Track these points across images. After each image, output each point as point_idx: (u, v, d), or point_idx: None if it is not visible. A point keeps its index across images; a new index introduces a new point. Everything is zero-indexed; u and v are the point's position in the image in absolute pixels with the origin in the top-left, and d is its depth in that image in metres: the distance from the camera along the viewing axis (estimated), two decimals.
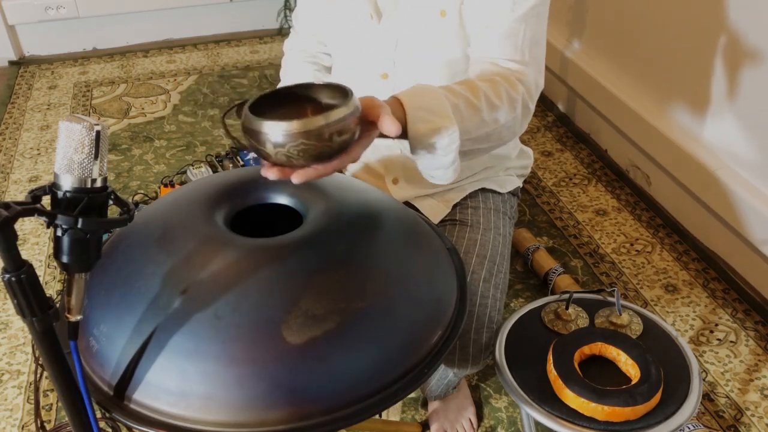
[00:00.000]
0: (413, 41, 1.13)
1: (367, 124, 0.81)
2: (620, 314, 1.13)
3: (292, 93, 0.85)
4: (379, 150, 1.29)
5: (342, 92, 0.81)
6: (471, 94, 0.96)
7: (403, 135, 0.90)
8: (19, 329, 1.67)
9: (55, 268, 1.86)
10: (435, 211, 1.27)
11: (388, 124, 0.80)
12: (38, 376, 1.50)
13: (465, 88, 0.97)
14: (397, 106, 0.89)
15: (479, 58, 1.07)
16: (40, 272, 1.83)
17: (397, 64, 1.16)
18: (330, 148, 0.76)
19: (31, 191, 0.64)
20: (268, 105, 0.81)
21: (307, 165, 0.77)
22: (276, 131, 0.73)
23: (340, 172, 0.91)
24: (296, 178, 0.77)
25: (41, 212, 0.61)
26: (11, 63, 2.99)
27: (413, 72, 1.15)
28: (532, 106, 1.04)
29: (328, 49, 1.32)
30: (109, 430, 1.19)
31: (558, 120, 2.53)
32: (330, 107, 0.78)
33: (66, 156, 0.63)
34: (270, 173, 0.78)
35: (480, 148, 1.01)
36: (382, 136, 0.84)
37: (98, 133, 0.63)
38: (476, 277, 1.13)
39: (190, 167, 2.19)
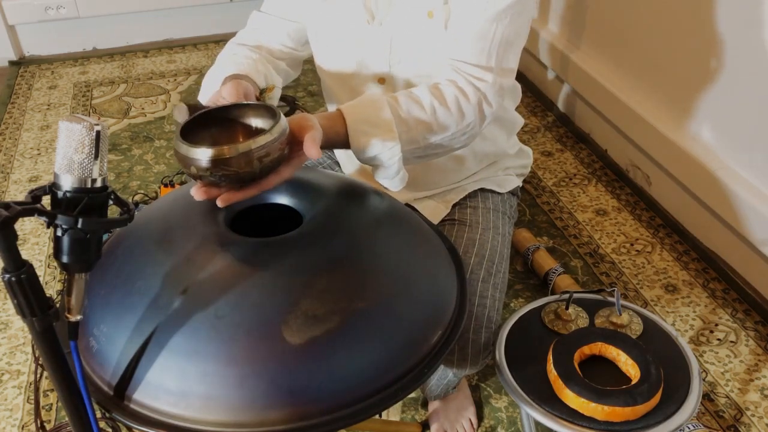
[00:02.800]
0: (405, 44, 1.13)
1: (297, 144, 0.83)
2: (620, 314, 1.13)
3: (222, 114, 0.86)
4: None
5: (271, 114, 0.82)
6: (417, 104, 0.98)
7: (348, 147, 0.93)
8: (19, 329, 1.67)
9: (55, 268, 1.86)
10: (435, 211, 1.27)
11: (309, 148, 0.82)
12: (38, 376, 1.50)
13: (413, 98, 0.99)
14: (338, 119, 0.92)
15: (446, 60, 1.07)
16: (40, 272, 1.83)
17: (393, 68, 1.15)
18: (254, 173, 0.78)
19: (31, 191, 0.64)
20: (198, 125, 0.83)
21: (234, 188, 0.79)
22: (201, 157, 0.75)
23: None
24: (221, 202, 0.79)
25: (41, 212, 0.61)
26: (11, 63, 2.99)
27: (408, 75, 1.15)
28: (491, 110, 1.05)
29: (297, 45, 1.23)
30: (109, 430, 1.20)
31: (558, 120, 2.53)
32: (257, 131, 0.81)
33: (66, 156, 0.63)
34: (197, 194, 0.79)
35: (431, 153, 1.03)
36: (322, 148, 0.85)
37: (98, 133, 0.63)
38: (475, 276, 1.13)
39: None
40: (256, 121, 0.86)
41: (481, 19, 1.03)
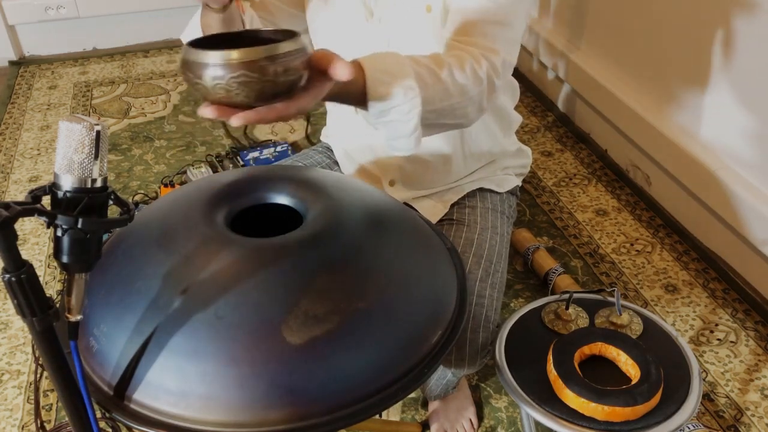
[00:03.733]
0: (404, 39, 1.13)
1: (318, 74, 0.77)
2: (620, 314, 1.13)
3: (239, 37, 0.79)
4: (375, 152, 1.29)
5: (291, 35, 0.75)
6: (436, 65, 0.94)
7: (363, 100, 0.87)
8: (19, 329, 1.67)
9: (55, 268, 1.86)
10: (433, 211, 1.27)
11: (341, 67, 0.76)
12: (38, 376, 1.50)
13: (430, 59, 0.95)
14: (357, 66, 0.86)
15: (447, 38, 1.05)
16: (40, 272, 1.83)
17: None
18: (273, 86, 0.70)
19: (31, 191, 0.64)
20: (209, 46, 0.74)
21: (248, 104, 0.72)
22: (216, 61, 0.68)
23: (284, 120, 0.84)
24: (235, 119, 0.73)
25: (41, 212, 0.61)
26: (11, 63, 2.99)
27: None
28: (498, 83, 1.01)
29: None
30: (109, 430, 1.20)
31: (558, 120, 2.53)
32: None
33: (66, 156, 0.63)
34: (207, 111, 0.73)
35: (445, 122, 0.98)
36: (334, 99, 0.81)
37: (98, 133, 0.63)
38: (473, 276, 1.13)
39: (190, 167, 2.19)
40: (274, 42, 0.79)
41: (478, 0, 1.02)
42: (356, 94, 0.87)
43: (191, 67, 0.71)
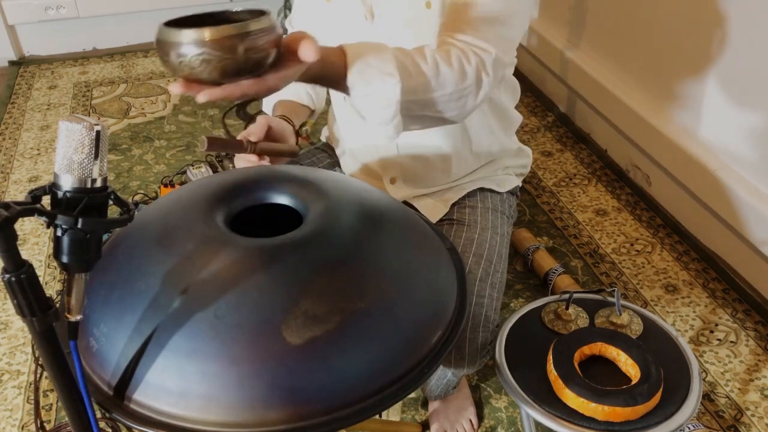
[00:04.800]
0: (406, 38, 1.13)
1: (289, 54, 0.78)
2: (620, 314, 1.13)
3: (215, 17, 0.81)
4: (377, 151, 1.29)
5: (260, 14, 0.77)
6: (420, 57, 0.94)
7: (344, 83, 0.88)
8: (19, 329, 1.67)
9: (55, 268, 1.86)
10: (433, 210, 1.27)
11: (307, 48, 0.77)
12: (38, 376, 1.50)
13: (416, 51, 0.95)
14: (338, 50, 0.87)
15: (440, 33, 1.05)
16: (40, 272, 1.83)
17: None
18: (237, 64, 0.73)
19: (31, 191, 0.64)
20: (184, 25, 0.77)
21: (214, 81, 0.74)
22: (183, 40, 0.71)
23: (254, 99, 0.86)
24: (202, 96, 0.75)
25: (41, 212, 0.61)
26: (11, 63, 2.99)
27: None
28: (488, 78, 1.00)
29: None
30: (109, 430, 1.19)
31: (558, 120, 2.53)
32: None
33: (66, 156, 0.63)
34: (174, 87, 0.75)
35: (427, 114, 0.98)
36: (316, 81, 0.83)
37: (98, 133, 0.63)
38: (473, 276, 1.13)
39: (190, 167, 2.19)
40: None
41: None
42: (335, 77, 0.88)
43: (160, 45, 0.74)
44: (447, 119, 1.01)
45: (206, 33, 0.71)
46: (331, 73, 0.88)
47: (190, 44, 0.71)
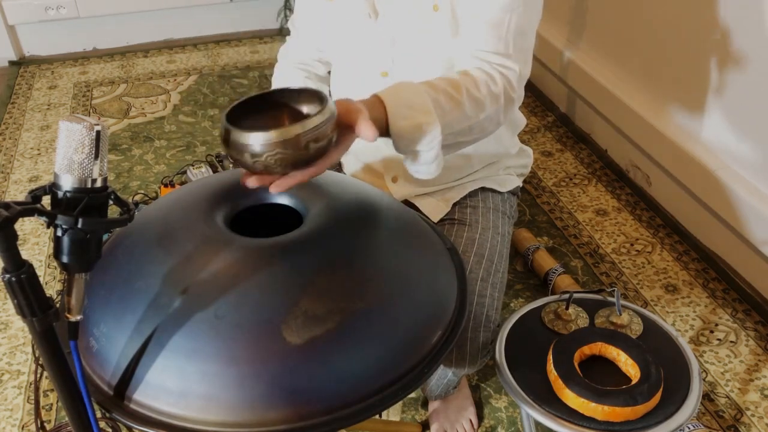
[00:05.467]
0: (409, 38, 1.13)
1: (345, 128, 0.82)
2: (620, 314, 1.13)
3: (268, 99, 0.86)
4: (379, 149, 1.29)
5: (318, 98, 0.82)
6: (452, 88, 0.97)
7: (386, 133, 0.91)
8: (19, 329, 1.67)
9: (55, 268, 1.86)
10: (435, 209, 1.27)
11: (365, 129, 0.81)
12: (38, 376, 1.50)
13: (446, 83, 0.97)
14: (378, 104, 0.90)
15: (465, 51, 1.07)
16: (40, 272, 1.83)
17: (396, 62, 1.16)
18: (307, 156, 0.77)
19: (31, 191, 0.64)
20: (244, 112, 0.82)
21: (285, 173, 0.79)
22: (253, 142, 0.75)
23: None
24: (274, 188, 0.79)
25: (41, 212, 0.61)
26: (11, 63, 2.99)
27: (412, 69, 1.15)
28: (516, 95, 1.05)
29: (325, 55, 1.32)
30: (109, 430, 1.19)
31: (558, 120, 2.53)
32: (306, 115, 0.80)
33: (66, 156, 0.63)
34: (250, 182, 0.80)
35: (463, 141, 1.01)
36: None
37: (98, 133, 0.63)
38: (474, 276, 1.13)
39: (190, 167, 2.19)
40: (302, 106, 0.86)
41: (495, 8, 1.03)
42: (379, 130, 0.91)
43: (231, 145, 0.77)
44: (478, 139, 1.05)
45: (279, 134, 0.75)
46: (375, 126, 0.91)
47: (264, 146, 0.75)
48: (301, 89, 0.86)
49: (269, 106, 0.85)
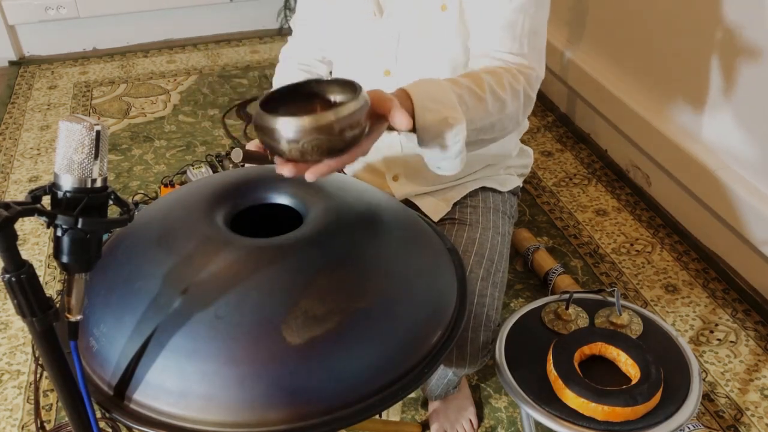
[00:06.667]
0: (415, 36, 1.13)
1: (376, 117, 0.82)
2: (620, 314, 1.13)
3: (301, 90, 0.85)
4: (379, 148, 1.28)
5: (351, 87, 0.81)
6: (475, 85, 0.96)
7: (411, 130, 0.90)
8: (19, 329, 1.67)
9: (55, 268, 1.86)
10: (435, 209, 1.27)
11: (400, 117, 0.81)
12: (38, 376, 1.50)
13: (469, 79, 0.97)
14: (404, 97, 0.89)
15: (479, 52, 1.07)
16: (40, 272, 1.83)
17: (400, 60, 1.16)
18: (342, 143, 0.77)
19: (31, 191, 0.64)
20: (277, 102, 0.82)
21: (320, 160, 0.78)
22: (290, 128, 0.74)
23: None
24: (310, 175, 0.78)
25: (41, 212, 0.61)
26: (11, 63, 2.99)
27: (415, 67, 1.15)
28: (533, 95, 1.05)
29: (327, 53, 1.32)
30: (109, 430, 1.20)
31: (558, 120, 2.53)
32: (340, 103, 0.78)
33: (66, 156, 0.63)
34: (285, 170, 0.79)
35: (484, 138, 1.01)
36: (391, 129, 0.84)
37: (98, 133, 0.63)
38: (474, 275, 1.13)
39: (190, 167, 2.19)
40: (334, 96, 0.85)
41: (507, 9, 1.03)
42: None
43: (267, 132, 0.76)
44: (498, 137, 1.04)
45: (315, 120, 0.74)
46: None
47: (301, 131, 0.74)
48: (332, 80, 0.86)
49: (301, 97, 0.85)
